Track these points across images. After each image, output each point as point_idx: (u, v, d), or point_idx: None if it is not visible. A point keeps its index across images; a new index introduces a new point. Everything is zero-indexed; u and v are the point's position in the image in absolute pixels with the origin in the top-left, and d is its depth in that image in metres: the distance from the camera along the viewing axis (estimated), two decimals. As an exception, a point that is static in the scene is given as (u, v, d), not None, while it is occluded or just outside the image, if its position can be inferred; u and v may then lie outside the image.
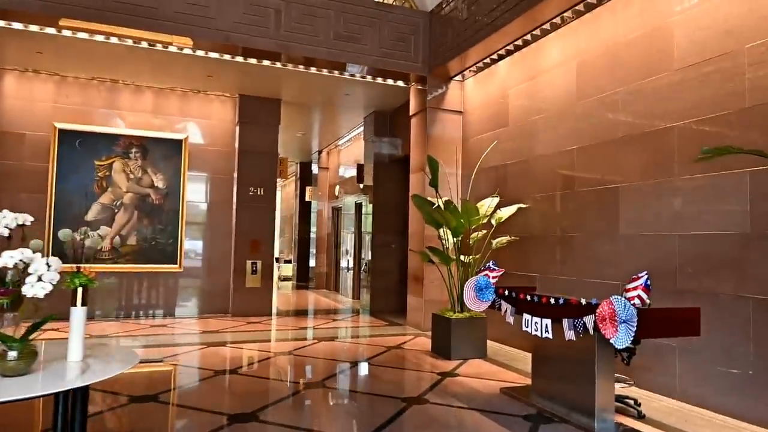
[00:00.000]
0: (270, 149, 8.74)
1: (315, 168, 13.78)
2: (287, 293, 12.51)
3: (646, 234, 4.41)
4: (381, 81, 7.63)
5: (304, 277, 14.32)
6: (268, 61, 6.95)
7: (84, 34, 6.11)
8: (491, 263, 4.75)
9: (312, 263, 13.91)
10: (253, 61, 6.93)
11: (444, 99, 7.38)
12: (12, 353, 2.35)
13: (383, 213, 9.47)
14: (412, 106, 7.83)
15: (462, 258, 5.89)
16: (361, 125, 10.32)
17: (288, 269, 15.32)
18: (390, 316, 8.69)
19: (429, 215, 5.89)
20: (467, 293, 4.60)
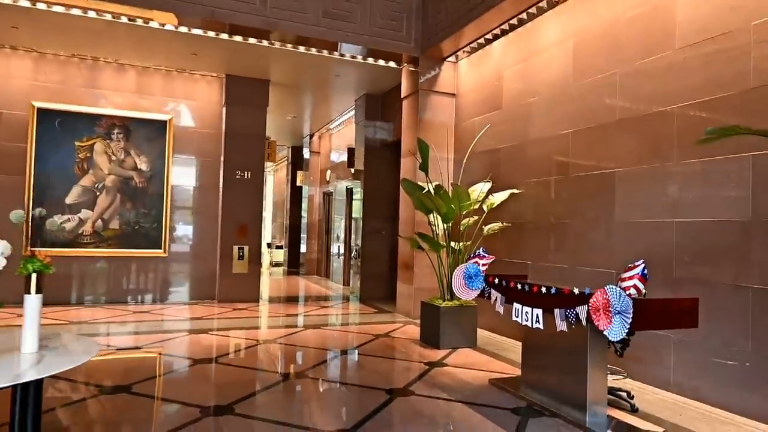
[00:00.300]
0: (258, 132, 8.51)
1: (306, 152, 13.52)
2: (278, 279, 12.34)
3: (642, 221, 4.25)
4: (372, 62, 7.39)
5: (295, 263, 14.13)
6: (255, 39, 6.68)
7: (59, 7, 5.82)
8: (481, 250, 4.57)
9: (303, 249, 13.71)
10: (240, 39, 6.65)
11: (437, 81, 7.15)
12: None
13: (374, 198, 9.29)
14: (403, 88, 7.60)
15: (452, 244, 5.73)
16: (353, 108, 10.07)
17: (279, 255, 15.12)
18: (380, 303, 8.54)
19: (419, 200, 5.71)
20: (456, 281, 4.44)
